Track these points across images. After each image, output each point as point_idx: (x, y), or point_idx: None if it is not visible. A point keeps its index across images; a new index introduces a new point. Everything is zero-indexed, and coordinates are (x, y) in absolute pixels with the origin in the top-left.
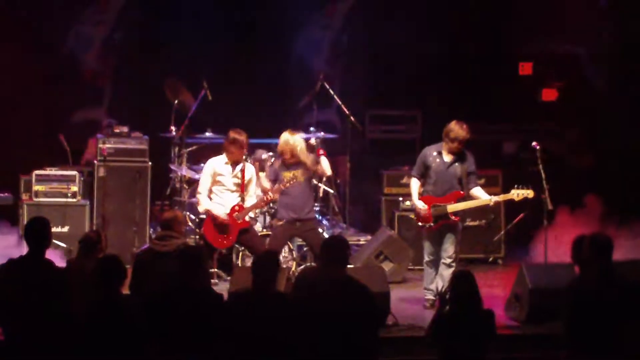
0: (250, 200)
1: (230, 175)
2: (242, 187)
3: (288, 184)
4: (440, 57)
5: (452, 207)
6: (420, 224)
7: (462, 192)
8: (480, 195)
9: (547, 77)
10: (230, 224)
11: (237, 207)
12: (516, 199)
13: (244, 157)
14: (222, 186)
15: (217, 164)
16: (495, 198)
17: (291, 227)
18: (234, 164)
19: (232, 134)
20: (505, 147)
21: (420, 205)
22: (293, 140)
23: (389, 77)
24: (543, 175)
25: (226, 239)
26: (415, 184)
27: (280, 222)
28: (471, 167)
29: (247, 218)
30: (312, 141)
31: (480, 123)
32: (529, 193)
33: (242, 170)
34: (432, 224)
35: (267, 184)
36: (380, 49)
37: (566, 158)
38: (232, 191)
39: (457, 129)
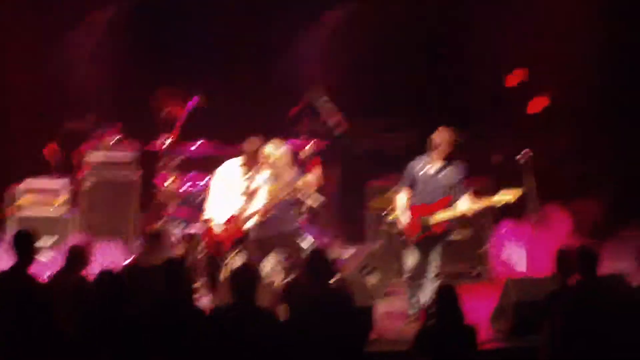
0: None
1: (242, 179)
2: (249, 193)
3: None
4: (434, 63)
5: (435, 218)
6: (405, 236)
7: (448, 198)
8: (462, 205)
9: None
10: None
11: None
12: (497, 205)
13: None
14: (232, 190)
15: (231, 167)
16: (473, 206)
17: (268, 242)
18: (249, 168)
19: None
20: (493, 157)
21: (404, 216)
22: (273, 151)
23: (378, 86)
24: (534, 185)
25: (222, 245)
26: (401, 195)
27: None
28: (460, 175)
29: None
30: (305, 150)
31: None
32: (510, 198)
33: (253, 175)
34: (419, 235)
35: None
36: (370, 56)
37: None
38: (240, 195)
39: (440, 132)
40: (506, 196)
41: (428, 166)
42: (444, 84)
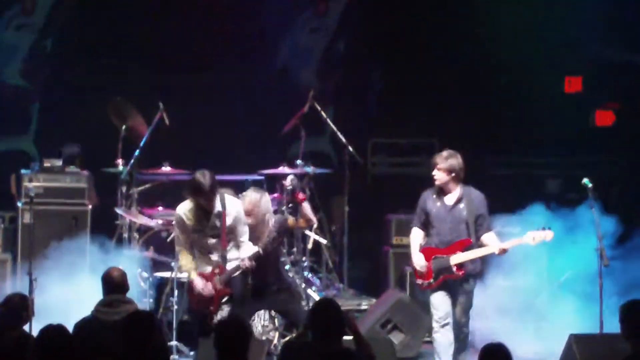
0: (240, 252)
1: (206, 229)
2: (224, 241)
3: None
4: (463, 69)
5: (455, 258)
6: (419, 282)
7: (470, 240)
8: (490, 243)
9: (601, 95)
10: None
11: (217, 270)
12: (532, 243)
13: (218, 200)
14: (199, 244)
15: (185, 215)
16: (502, 245)
17: (256, 300)
18: (207, 212)
19: (197, 180)
20: (548, 184)
21: (416, 259)
22: (249, 199)
23: (398, 96)
24: (597, 221)
25: (210, 304)
26: (415, 235)
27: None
28: (480, 209)
29: None
30: (288, 181)
31: (515, 154)
32: (547, 235)
33: (222, 216)
34: (431, 282)
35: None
36: (386, 59)
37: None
38: (213, 247)
39: (451, 156)
40: (544, 233)
41: (442, 200)
42: (486, 90)
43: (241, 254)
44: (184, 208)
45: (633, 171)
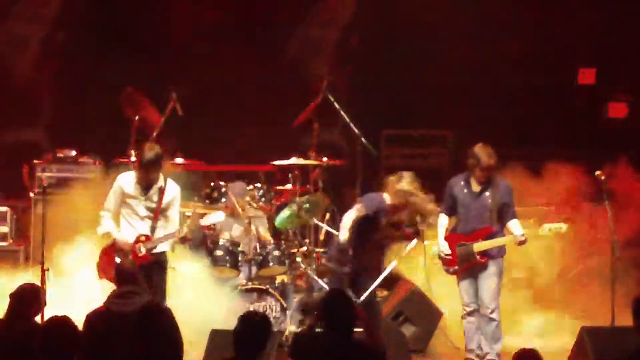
0: (166, 231)
1: (141, 198)
2: (156, 213)
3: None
4: (476, 61)
5: (478, 246)
6: (444, 267)
7: (492, 228)
8: (513, 231)
9: (615, 88)
10: (132, 256)
11: (143, 237)
12: (548, 234)
13: (161, 176)
14: (132, 210)
15: (127, 182)
16: (521, 237)
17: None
18: (148, 184)
19: (141, 150)
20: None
21: (442, 246)
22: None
23: (411, 88)
24: (610, 214)
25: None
26: (442, 221)
27: None
28: (505, 197)
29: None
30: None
31: (527, 146)
32: (562, 227)
33: (161, 192)
34: (456, 268)
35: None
36: (400, 51)
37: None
38: (142, 218)
39: (482, 154)
40: (558, 225)
41: (469, 187)
42: (499, 82)
43: (165, 232)
44: (128, 175)
45: None
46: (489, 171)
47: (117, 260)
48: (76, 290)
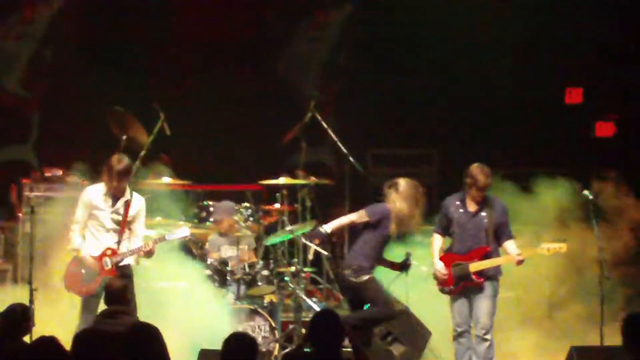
0: (130, 244)
1: (108, 210)
2: (123, 226)
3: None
4: (463, 80)
5: (474, 266)
6: (439, 287)
7: (488, 248)
8: (510, 251)
9: (602, 107)
10: (98, 270)
11: (109, 251)
12: (547, 254)
13: (128, 188)
14: (98, 222)
15: (94, 194)
16: (519, 256)
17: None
18: (115, 196)
19: (112, 161)
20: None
21: (438, 265)
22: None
23: (398, 107)
24: (597, 233)
25: (85, 287)
26: (436, 241)
27: None
28: (502, 217)
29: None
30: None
31: (515, 166)
32: (562, 247)
33: (127, 205)
34: (452, 288)
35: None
36: (387, 71)
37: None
38: (108, 230)
39: (479, 174)
40: (558, 244)
41: (464, 207)
42: (486, 102)
43: (130, 246)
44: (96, 188)
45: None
46: (485, 191)
47: (83, 272)
48: (64, 309)
